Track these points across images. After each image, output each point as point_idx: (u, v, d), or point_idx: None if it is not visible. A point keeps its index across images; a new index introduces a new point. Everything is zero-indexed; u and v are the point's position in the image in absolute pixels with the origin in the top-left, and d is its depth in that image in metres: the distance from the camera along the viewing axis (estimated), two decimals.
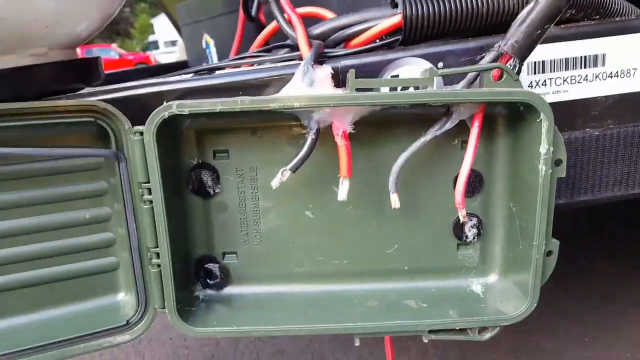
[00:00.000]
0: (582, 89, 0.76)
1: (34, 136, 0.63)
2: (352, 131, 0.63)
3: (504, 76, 0.62)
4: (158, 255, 0.66)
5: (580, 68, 0.75)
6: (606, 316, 1.59)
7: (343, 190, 0.64)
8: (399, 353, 1.49)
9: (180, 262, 0.71)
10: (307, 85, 0.62)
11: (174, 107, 0.59)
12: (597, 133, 0.77)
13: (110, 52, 18.54)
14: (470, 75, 0.65)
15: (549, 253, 0.66)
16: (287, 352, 1.53)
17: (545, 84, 0.75)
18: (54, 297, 0.69)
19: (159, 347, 1.61)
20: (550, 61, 0.74)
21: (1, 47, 0.64)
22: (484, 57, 0.65)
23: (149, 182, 0.63)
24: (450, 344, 1.51)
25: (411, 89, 0.65)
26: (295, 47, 0.74)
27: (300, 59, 0.69)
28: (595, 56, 0.74)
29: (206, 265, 0.74)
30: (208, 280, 0.75)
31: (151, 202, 0.63)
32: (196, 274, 0.75)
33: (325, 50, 0.71)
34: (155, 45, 30.63)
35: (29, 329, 0.68)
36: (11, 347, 0.65)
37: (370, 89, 0.62)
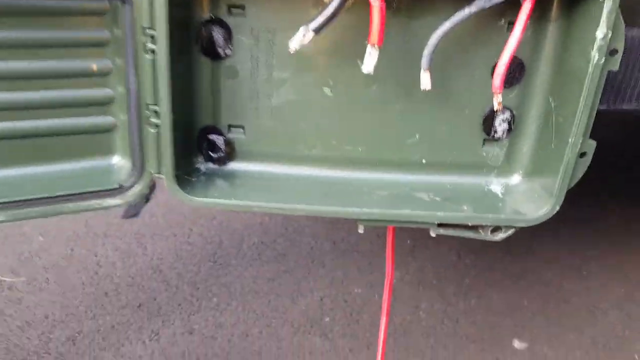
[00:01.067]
0: None
1: None
2: None
3: None
4: (157, 114, 0.60)
5: None
6: (606, 252, 1.59)
7: (370, 60, 0.57)
8: (397, 266, 1.50)
9: (182, 128, 0.66)
10: None
11: None
12: None
13: None
14: None
15: (582, 154, 0.61)
16: (288, 256, 1.54)
17: None
18: (47, 153, 0.65)
19: (162, 242, 1.62)
20: None
21: None
22: None
23: (153, 29, 0.56)
24: (447, 263, 1.52)
25: None
26: None
27: None
28: None
29: (210, 137, 0.69)
30: (211, 153, 0.70)
31: (154, 52, 0.57)
32: (199, 145, 0.70)
33: None
34: None
35: (18, 182, 0.64)
36: None
37: None
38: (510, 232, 0.67)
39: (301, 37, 0.56)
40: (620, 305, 1.39)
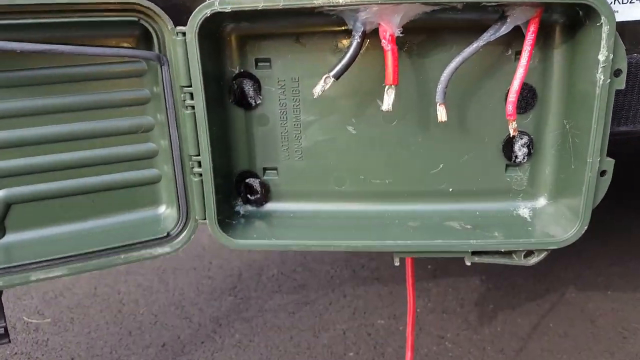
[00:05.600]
0: (634, 10, 0.71)
1: (78, 37, 0.61)
2: (400, 35, 0.60)
3: None
4: (199, 164, 0.65)
5: None
6: (633, 269, 1.57)
7: (388, 99, 0.61)
8: (419, 294, 1.50)
9: (222, 175, 0.70)
10: None
11: (216, 5, 0.57)
12: None
13: None
14: None
15: (602, 173, 0.63)
16: (308, 286, 1.54)
17: None
18: (96, 208, 0.69)
19: (183, 276, 1.62)
20: None
21: None
22: None
23: (190, 86, 0.61)
24: (470, 288, 1.52)
25: None
26: None
27: None
28: None
29: (247, 181, 0.73)
30: (249, 196, 0.74)
31: (193, 107, 0.62)
32: (237, 189, 0.74)
33: None
34: None
35: (71, 237, 0.68)
36: (54, 254, 0.65)
37: None
38: (543, 255, 0.68)
39: (323, 84, 0.60)
40: None
